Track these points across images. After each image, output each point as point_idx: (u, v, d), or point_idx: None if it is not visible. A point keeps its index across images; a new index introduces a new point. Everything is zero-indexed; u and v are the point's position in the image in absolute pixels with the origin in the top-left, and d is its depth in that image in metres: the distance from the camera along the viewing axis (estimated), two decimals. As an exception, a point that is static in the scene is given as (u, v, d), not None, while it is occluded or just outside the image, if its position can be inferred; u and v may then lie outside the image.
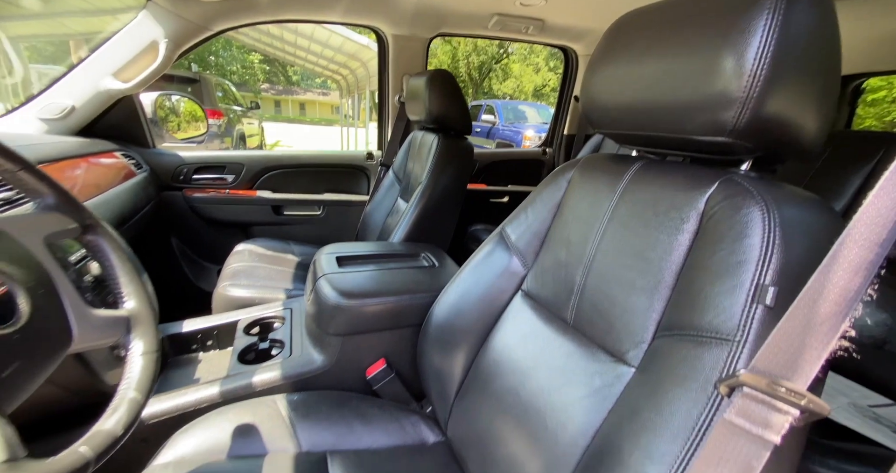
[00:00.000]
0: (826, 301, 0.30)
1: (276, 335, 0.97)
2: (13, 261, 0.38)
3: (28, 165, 0.44)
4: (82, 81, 1.19)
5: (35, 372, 0.37)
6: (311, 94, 30.21)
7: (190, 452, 0.63)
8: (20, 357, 0.35)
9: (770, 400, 0.32)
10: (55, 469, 0.32)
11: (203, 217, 1.61)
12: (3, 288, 0.37)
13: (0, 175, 0.42)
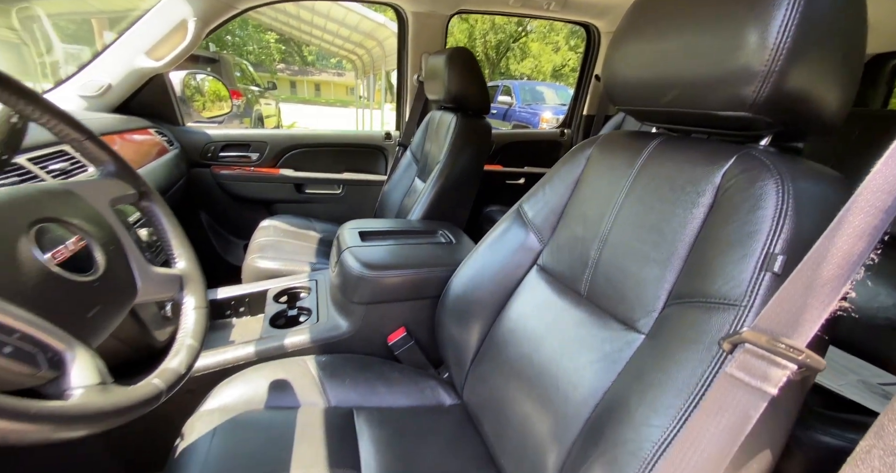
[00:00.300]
0: (829, 265, 0.32)
1: (304, 303, 1.03)
2: (87, 220, 0.43)
3: (93, 136, 0.48)
4: (117, 60, 1.23)
5: (111, 317, 0.43)
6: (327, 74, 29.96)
7: (231, 401, 0.70)
8: (100, 302, 0.40)
9: (770, 356, 0.35)
10: (135, 395, 0.37)
11: (229, 194, 1.68)
12: (82, 243, 0.41)
13: (70, 144, 0.47)
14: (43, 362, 0.32)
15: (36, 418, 0.27)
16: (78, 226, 0.41)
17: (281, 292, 1.07)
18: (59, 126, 0.45)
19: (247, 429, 0.64)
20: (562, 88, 8.50)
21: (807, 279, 0.33)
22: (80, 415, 0.31)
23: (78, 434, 0.31)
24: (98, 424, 0.32)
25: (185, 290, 0.54)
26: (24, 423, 0.27)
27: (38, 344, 0.32)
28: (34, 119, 0.43)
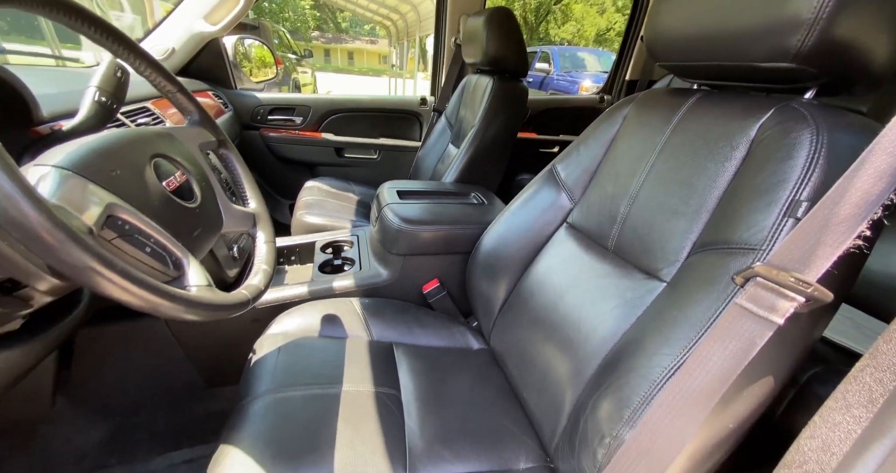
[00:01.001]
0: (847, 204, 0.34)
1: (347, 254, 1.12)
2: (186, 158, 0.51)
3: (183, 88, 0.55)
4: (179, 24, 1.31)
5: (207, 239, 0.51)
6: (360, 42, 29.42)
7: (291, 329, 0.80)
8: (200, 226, 0.49)
9: (778, 288, 0.38)
10: (231, 299, 0.46)
11: (276, 155, 1.78)
12: (184, 177, 0.50)
13: (166, 95, 0.54)
14: (169, 263, 0.41)
15: (174, 298, 0.36)
16: (181, 162, 0.49)
17: (327, 244, 1.16)
18: (159, 79, 0.53)
19: (305, 350, 0.75)
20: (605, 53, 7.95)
21: (823, 218, 0.35)
22: (198, 303, 0.39)
23: (194, 318, 0.40)
24: (208, 313, 0.41)
25: (257, 226, 0.63)
26: (167, 300, 0.35)
27: (165, 249, 0.40)
28: (140, 72, 0.51)
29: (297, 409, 0.62)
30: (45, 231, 0.28)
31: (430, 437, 0.63)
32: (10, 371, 0.46)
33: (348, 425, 0.61)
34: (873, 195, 0.33)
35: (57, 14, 0.40)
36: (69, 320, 0.51)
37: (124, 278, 0.32)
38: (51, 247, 0.28)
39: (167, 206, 0.44)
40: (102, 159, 0.38)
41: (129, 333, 0.84)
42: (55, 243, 0.28)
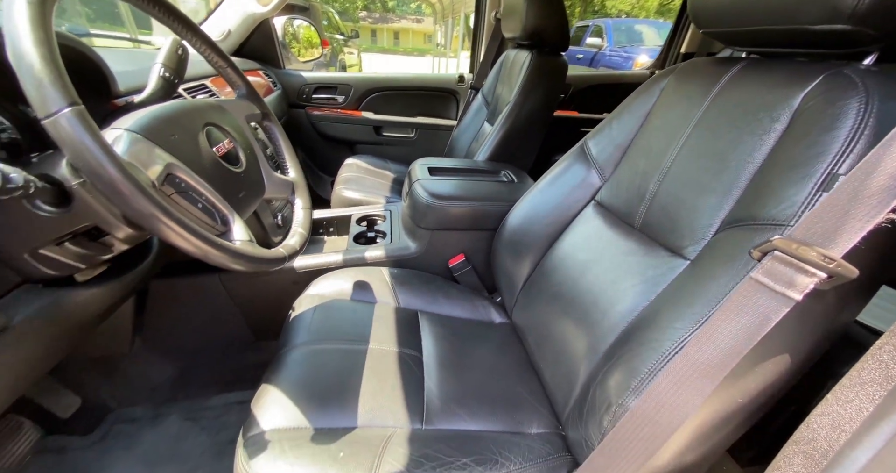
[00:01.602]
0: (881, 174, 0.31)
1: (380, 227, 1.18)
2: (233, 128, 0.56)
3: (233, 65, 0.60)
4: (235, 7, 1.39)
5: (251, 202, 0.57)
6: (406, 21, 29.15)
7: (326, 292, 0.87)
8: (245, 189, 0.55)
9: (798, 263, 0.36)
10: (269, 255, 0.51)
11: (320, 133, 1.86)
12: (231, 144, 0.55)
13: (218, 71, 0.60)
14: (217, 218, 0.46)
15: (221, 248, 0.41)
16: (229, 131, 0.55)
17: (362, 218, 1.22)
18: (212, 55, 0.58)
19: (338, 310, 0.81)
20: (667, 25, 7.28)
21: (853, 189, 0.33)
22: (241, 255, 0.45)
23: (238, 268, 0.45)
24: (249, 265, 0.46)
25: (295, 193, 0.68)
26: (215, 249, 0.41)
27: (214, 206, 0.46)
28: (197, 48, 0.56)
29: (328, 360, 0.69)
30: (119, 183, 0.33)
31: (447, 396, 0.67)
32: (97, 307, 0.55)
33: (372, 378, 0.67)
34: None
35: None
36: (141, 267, 0.59)
37: (181, 227, 0.38)
38: (123, 196, 0.34)
39: (216, 169, 0.49)
40: (164, 125, 0.44)
41: (191, 287, 0.96)
42: (127, 192, 0.34)
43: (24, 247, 0.43)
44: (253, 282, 0.98)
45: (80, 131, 0.31)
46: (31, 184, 0.35)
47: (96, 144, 0.31)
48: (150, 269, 0.63)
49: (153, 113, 0.44)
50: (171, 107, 0.48)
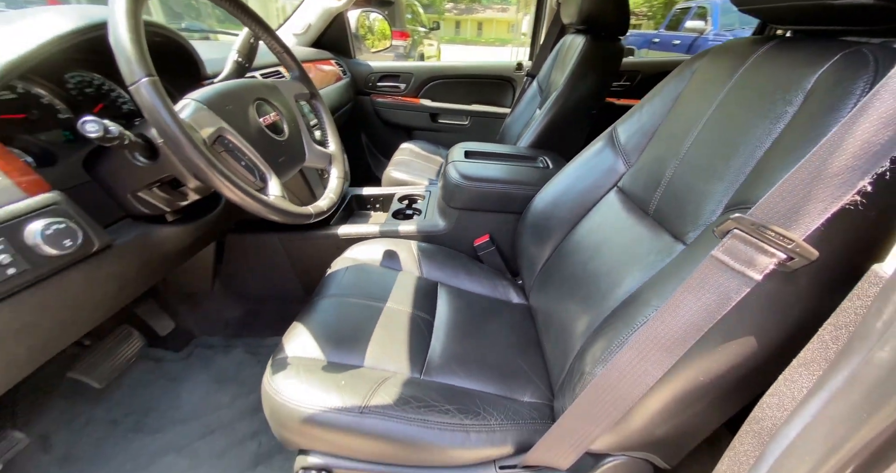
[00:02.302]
0: (844, 154, 0.29)
1: (418, 206, 1.26)
2: (281, 103, 0.67)
3: (288, 50, 0.71)
4: (315, 3, 1.55)
5: (291, 167, 0.68)
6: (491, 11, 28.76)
7: (360, 257, 0.97)
8: (285, 154, 0.65)
9: (757, 242, 0.35)
10: (297, 210, 0.61)
11: (382, 119, 1.99)
12: (277, 117, 0.66)
13: (277, 56, 0.71)
14: (257, 176, 0.57)
15: (258, 200, 0.52)
16: (276, 106, 0.66)
17: (404, 196, 1.31)
18: (273, 43, 0.69)
19: (366, 273, 0.91)
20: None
21: (815, 169, 0.31)
22: (274, 207, 0.55)
23: (273, 218, 0.55)
24: (281, 217, 0.56)
25: (332, 164, 0.78)
26: (252, 200, 0.51)
27: (255, 165, 0.57)
28: (261, 38, 0.68)
29: (349, 311, 0.79)
30: (178, 137, 0.44)
31: (449, 356, 0.73)
32: (176, 243, 0.70)
33: (384, 330, 0.75)
34: (876, 145, 0.28)
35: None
36: (209, 217, 0.74)
37: (224, 178, 0.48)
38: (181, 148, 0.45)
39: (260, 136, 0.60)
40: (221, 98, 0.55)
41: (257, 243, 1.13)
42: (183, 146, 0.45)
43: (126, 189, 0.58)
44: (304, 244, 1.13)
45: (153, 96, 0.42)
46: (126, 137, 0.48)
47: (164, 107, 0.43)
48: (218, 220, 0.78)
49: (216, 88, 0.56)
50: (231, 84, 0.59)
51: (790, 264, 0.34)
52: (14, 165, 0.45)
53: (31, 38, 0.48)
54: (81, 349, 0.92)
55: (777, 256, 0.34)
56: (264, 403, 0.60)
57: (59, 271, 0.47)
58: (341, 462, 0.58)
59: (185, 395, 1.01)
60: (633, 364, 0.44)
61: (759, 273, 0.35)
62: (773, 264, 0.34)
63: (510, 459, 0.60)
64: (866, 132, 0.28)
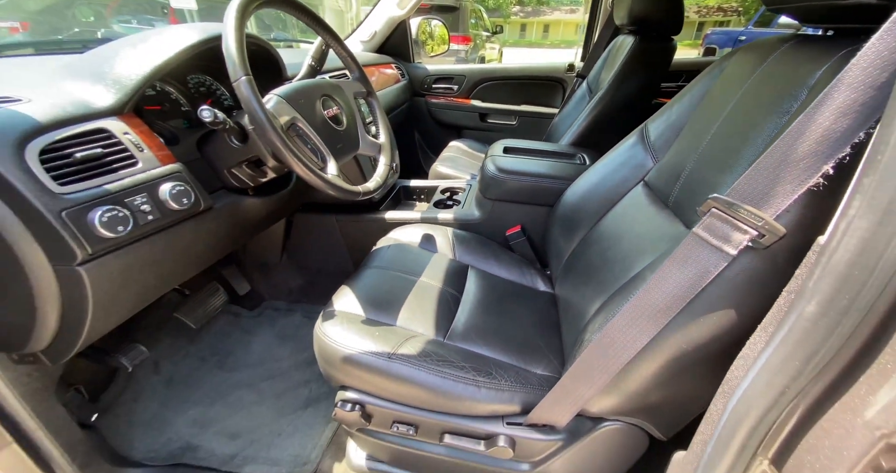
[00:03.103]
0: (807, 140, 0.32)
1: (458, 197, 1.34)
2: (342, 100, 0.80)
3: (351, 55, 0.83)
4: (382, 12, 1.71)
5: (347, 153, 0.80)
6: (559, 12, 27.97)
7: (401, 238, 1.08)
8: (342, 142, 0.77)
9: (732, 220, 0.38)
10: (349, 187, 0.72)
11: (435, 119, 2.11)
12: (338, 110, 0.78)
13: (341, 59, 0.83)
14: (319, 157, 0.69)
15: (319, 176, 0.64)
16: (338, 101, 0.78)
17: (446, 189, 1.41)
18: (339, 48, 0.82)
19: (405, 252, 1.01)
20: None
21: (781, 154, 0.34)
22: (331, 184, 0.66)
23: (331, 193, 0.67)
24: (336, 193, 0.68)
25: (381, 154, 0.89)
26: (314, 176, 0.63)
27: (318, 149, 0.69)
28: (331, 45, 0.81)
29: (387, 280, 0.89)
30: (264, 123, 0.57)
31: (471, 327, 0.80)
32: (255, 213, 0.86)
33: (416, 299, 0.85)
34: (837, 132, 0.31)
35: (288, 9, 0.71)
36: (281, 194, 0.89)
37: (294, 157, 0.61)
38: (265, 132, 0.58)
39: (324, 125, 0.73)
40: (296, 93, 0.68)
41: (317, 223, 1.29)
42: (267, 130, 0.57)
43: (223, 165, 0.73)
44: (356, 225, 1.27)
45: (248, 90, 0.55)
46: (227, 122, 0.62)
47: (255, 99, 0.55)
48: (289, 198, 0.94)
49: (293, 86, 0.69)
50: (304, 82, 0.72)
51: (762, 241, 0.37)
52: (155, 143, 0.61)
53: (169, 48, 0.64)
54: (183, 298, 1.13)
55: (749, 232, 0.37)
56: (315, 344, 0.72)
57: (177, 223, 0.62)
58: (372, 399, 0.68)
59: (255, 345, 1.20)
60: (622, 331, 0.48)
61: (734, 249, 0.38)
62: (746, 241, 0.37)
63: (516, 417, 0.66)
64: (827, 121, 0.31)
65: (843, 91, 0.30)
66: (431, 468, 0.74)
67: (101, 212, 0.49)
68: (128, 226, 0.52)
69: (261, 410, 0.98)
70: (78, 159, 0.49)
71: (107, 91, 0.57)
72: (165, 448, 0.87)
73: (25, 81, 0.58)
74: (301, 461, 0.85)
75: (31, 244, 0.46)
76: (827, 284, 0.28)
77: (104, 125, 0.55)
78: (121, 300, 0.57)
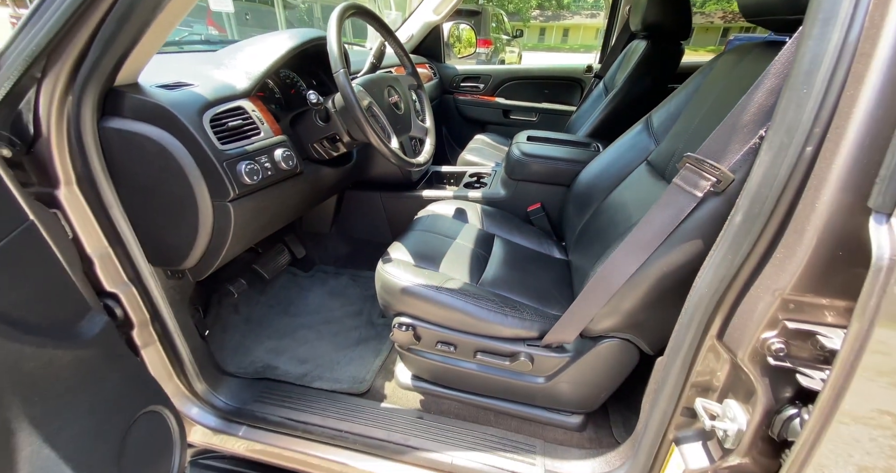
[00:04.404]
0: (748, 112, 0.46)
1: (484, 180, 1.50)
2: (401, 91, 0.96)
3: (408, 56, 1.00)
4: (419, 18, 1.87)
5: (403, 132, 0.97)
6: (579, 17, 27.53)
7: (437, 210, 1.25)
8: (401, 124, 0.94)
9: (699, 171, 0.53)
10: (406, 158, 0.89)
11: (460, 114, 2.26)
12: (397, 99, 0.95)
13: (399, 59, 1.00)
14: (385, 134, 0.86)
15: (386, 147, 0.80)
16: (398, 91, 0.95)
17: (474, 173, 1.57)
18: (397, 49, 0.99)
19: (442, 220, 1.17)
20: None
21: (732, 123, 0.48)
22: (393, 153, 0.83)
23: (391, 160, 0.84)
24: (395, 159, 0.85)
25: (427, 136, 1.06)
26: (383, 147, 0.80)
27: (384, 127, 0.86)
28: (391, 45, 0.98)
29: (429, 240, 1.06)
30: (353, 105, 0.74)
31: (498, 278, 0.96)
32: (326, 182, 1.04)
33: (453, 254, 1.01)
34: (766, 107, 0.45)
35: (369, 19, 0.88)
36: (346, 167, 1.07)
37: (371, 130, 0.78)
38: (353, 111, 0.75)
39: (389, 109, 0.90)
40: (371, 83, 0.85)
41: (364, 198, 1.47)
42: (355, 110, 0.75)
43: (308, 140, 0.91)
44: (397, 202, 1.44)
45: (344, 80, 0.72)
46: (321, 104, 0.80)
47: (348, 86, 0.73)
48: (350, 171, 1.11)
49: (369, 77, 0.87)
50: (376, 75, 0.90)
51: (720, 186, 0.52)
52: (269, 118, 0.79)
53: (281, 48, 0.82)
54: (257, 255, 1.33)
55: (710, 179, 0.52)
56: (377, 280, 0.89)
57: (283, 180, 0.80)
58: (421, 323, 0.85)
59: (311, 298, 1.39)
60: (619, 260, 0.63)
61: (700, 192, 0.53)
62: (709, 186, 0.52)
63: (534, 341, 0.82)
64: (761, 98, 0.46)
65: (772, 77, 0.45)
66: (465, 382, 0.90)
67: (245, 164, 0.67)
68: (259, 177, 0.70)
69: (321, 344, 1.17)
70: (230, 127, 0.68)
71: (242, 79, 0.76)
72: (251, 367, 1.06)
73: (187, 71, 0.76)
74: (358, 380, 1.03)
75: (200, 183, 0.65)
76: (746, 198, 0.43)
77: (241, 104, 0.73)
78: (247, 233, 0.76)
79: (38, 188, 0.61)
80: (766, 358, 0.43)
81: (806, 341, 0.42)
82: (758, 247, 0.43)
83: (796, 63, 0.39)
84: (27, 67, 0.53)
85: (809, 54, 0.38)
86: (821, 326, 0.41)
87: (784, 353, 0.42)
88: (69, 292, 0.53)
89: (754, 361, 0.45)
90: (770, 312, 0.43)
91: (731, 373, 0.50)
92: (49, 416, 0.47)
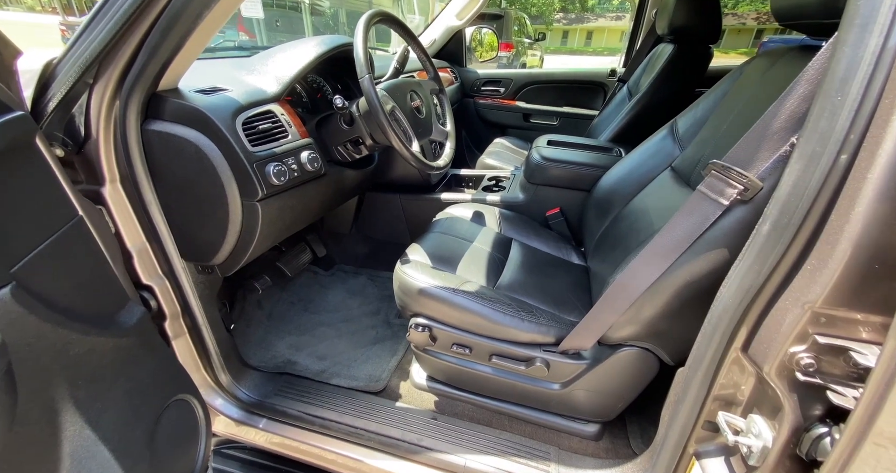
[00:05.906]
0: (779, 120, 0.45)
1: (503, 184, 1.50)
2: (423, 95, 0.98)
3: (430, 60, 1.02)
4: (441, 22, 1.90)
5: (423, 136, 0.98)
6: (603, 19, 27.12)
7: (455, 213, 1.26)
8: (422, 128, 0.96)
9: (726, 179, 0.51)
10: (426, 161, 0.90)
11: (480, 118, 2.27)
12: (419, 103, 0.97)
13: (422, 64, 1.02)
14: (407, 137, 0.88)
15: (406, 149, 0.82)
16: (420, 95, 0.97)
17: (493, 177, 1.57)
18: (421, 54, 1.01)
19: (460, 222, 1.18)
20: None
21: (761, 130, 0.47)
22: (414, 157, 0.85)
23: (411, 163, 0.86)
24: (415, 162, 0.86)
25: (447, 139, 1.07)
26: (405, 150, 0.82)
27: (406, 130, 0.88)
28: (414, 51, 1.00)
29: (445, 242, 1.07)
30: (375, 108, 0.76)
31: (515, 281, 0.96)
32: (348, 183, 1.07)
33: (470, 257, 1.01)
34: (799, 114, 0.44)
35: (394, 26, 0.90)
36: (367, 169, 1.09)
37: (393, 133, 0.80)
38: (376, 114, 0.77)
39: (411, 113, 0.92)
40: (395, 87, 0.87)
41: (383, 200, 1.50)
42: (379, 114, 0.77)
43: (332, 142, 0.94)
44: (415, 204, 1.46)
45: (369, 85, 0.74)
46: (346, 107, 0.83)
47: (373, 90, 0.75)
48: (372, 174, 1.14)
49: (393, 82, 0.89)
50: (399, 80, 0.92)
51: (747, 194, 0.50)
52: (296, 122, 0.83)
53: (310, 54, 0.86)
54: (280, 253, 1.38)
55: (737, 187, 0.50)
56: (395, 280, 0.91)
57: (307, 181, 0.83)
58: (438, 325, 0.86)
59: (331, 297, 1.43)
60: (640, 268, 0.62)
61: (726, 200, 0.52)
62: (735, 194, 0.51)
63: (551, 347, 0.81)
64: (792, 105, 0.44)
65: (804, 85, 0.43)
66: (479, 385, 0.90)
67: (273, 166, 0.70)
68: (286, 178, 0.73)
69: (339, 342, 1.20)
70: (260, 130, 0.71)
71: (272, 84, 0.79)
72: (273, 361, 1.10)
73: (222, 76, 0.81)
74: (374, 378, 1.05)
75: (231, 183, 0.68)
76: (775, 207, 0.42)
77: (271, 108, 0.76)
78: (273, 231, 0.79)
79: (85, 186, 0.66)
80: (795, 373, 0.42)
81: (838, 356, 0.40)
82: (787, 258, 0.42)
83: (830, 70, 0.38)
84: (81, 73, 0.58)
85: (845, 61, 0.37)
86: (854, 341, 0.39)
87: (814, 368, 0.41)
88: (111, 283, 0.57)
89: (781, 375, 0.43)
90: (799, 325, 0.41)
91: (757, 387, 0.48)
92: (92, 399, 0.50)
